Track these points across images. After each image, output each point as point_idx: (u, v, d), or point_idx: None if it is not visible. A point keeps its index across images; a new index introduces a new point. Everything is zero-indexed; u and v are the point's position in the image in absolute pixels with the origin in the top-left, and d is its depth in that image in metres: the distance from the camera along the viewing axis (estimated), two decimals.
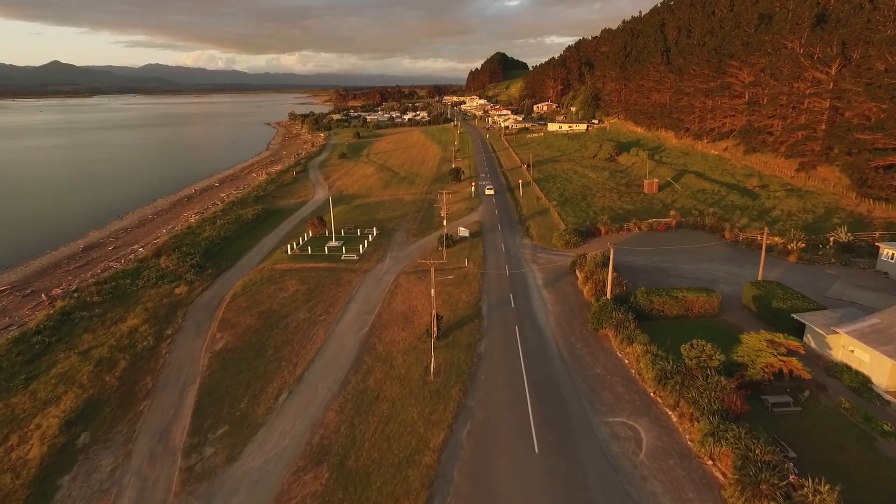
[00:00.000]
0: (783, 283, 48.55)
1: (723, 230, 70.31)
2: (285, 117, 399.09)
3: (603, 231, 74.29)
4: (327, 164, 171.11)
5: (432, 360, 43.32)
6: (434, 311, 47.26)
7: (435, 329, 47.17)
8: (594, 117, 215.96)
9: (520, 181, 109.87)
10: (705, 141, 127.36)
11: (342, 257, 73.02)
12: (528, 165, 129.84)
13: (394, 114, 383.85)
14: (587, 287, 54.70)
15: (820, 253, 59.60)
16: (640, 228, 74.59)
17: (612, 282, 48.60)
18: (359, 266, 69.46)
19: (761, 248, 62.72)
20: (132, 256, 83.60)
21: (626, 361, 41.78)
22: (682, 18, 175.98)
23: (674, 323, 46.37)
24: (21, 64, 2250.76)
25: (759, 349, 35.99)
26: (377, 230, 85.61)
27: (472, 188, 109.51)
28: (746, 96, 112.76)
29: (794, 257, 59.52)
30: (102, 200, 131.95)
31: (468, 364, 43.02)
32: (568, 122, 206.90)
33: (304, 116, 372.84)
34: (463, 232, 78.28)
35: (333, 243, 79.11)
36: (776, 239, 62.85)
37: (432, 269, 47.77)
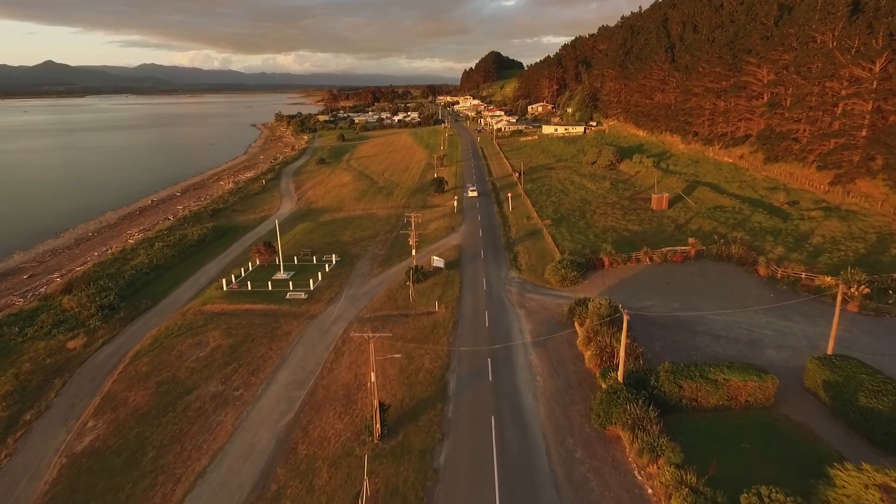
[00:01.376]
0: (861, 360, 35.15)
1: (754, 263, 56.97)
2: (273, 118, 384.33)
3: (606, 262, 60.85)
4: (303, 171, 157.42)
5: (365, 484, 29.83)
6: (376, 403, 33.78)
7: (378, 426, 33.73)
8: (592, 119, 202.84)
9: (509, 195, 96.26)
10: (717, 147, 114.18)
11: (287, 295, 59.49)
12: (520, 174, 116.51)
13: (384, 115, 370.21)
14: (589, 352, 41.32)
15: (890, 301, 46.38)
16: (651, 259, 61.23)
17: (625, 356, 35.23)
18: (304, 309, 55.97)
19: (807, 289, 49.72)
20: (43, 290, 69.88)
21: (650, 490, 28.40)
22: (687, 13, 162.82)
23: (713, 419, 33.00)
24: (14, 64, 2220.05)
25: (866, 502, 22.65)
26: (338, 256, 72.12)
27: (455, 202, 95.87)
28: (766, 97, 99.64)
29: (855, 306, 46.30)
30: (45, 214, 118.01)
31: (417, 491, 29.56)
32: (564, 125, 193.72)
33: (291, 118, 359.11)
34: (437, 262, 64.80)
35: (281, 275, 65.60)
36: (827, 279, 49.59)
37: (371, 346, 34.23)
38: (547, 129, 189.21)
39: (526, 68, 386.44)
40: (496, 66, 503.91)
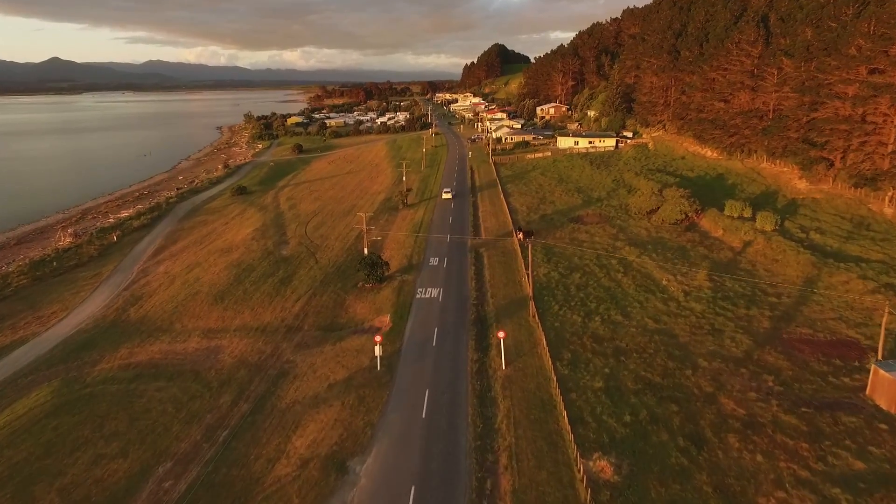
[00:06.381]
0: None
1: None
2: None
3: None
4: (202, 209, 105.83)
5: None
6: None
7: None
8: (624, 126, 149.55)
9: (500, 333, 43.37)
10: (893, 192, 61.55)
11: None
12: (527, 235, 64.83)
13: (370, 115, 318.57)
14: None
15: None
16: None
17: None
18: None
19: None
20: None
21: None
22: None
23: None
24: (21, 61, 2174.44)
25: None
26: None
27: (377, 346, 42.98)
28: None
29: None
30: None
31: None
32: (587, 135, 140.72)
33: (260, 119, 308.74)
34: None
35: None
36: None
37: None
38: (564, 142, 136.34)
39: (533, 61, 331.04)
40: (500, 60, 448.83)
